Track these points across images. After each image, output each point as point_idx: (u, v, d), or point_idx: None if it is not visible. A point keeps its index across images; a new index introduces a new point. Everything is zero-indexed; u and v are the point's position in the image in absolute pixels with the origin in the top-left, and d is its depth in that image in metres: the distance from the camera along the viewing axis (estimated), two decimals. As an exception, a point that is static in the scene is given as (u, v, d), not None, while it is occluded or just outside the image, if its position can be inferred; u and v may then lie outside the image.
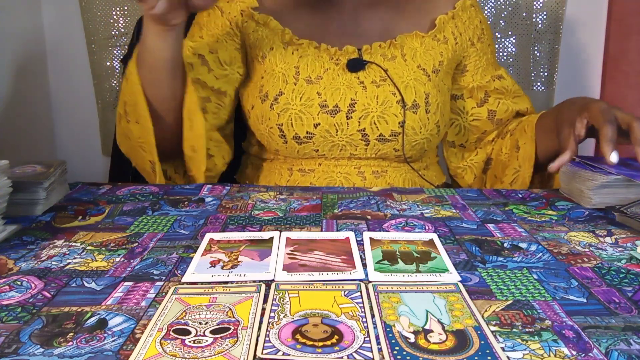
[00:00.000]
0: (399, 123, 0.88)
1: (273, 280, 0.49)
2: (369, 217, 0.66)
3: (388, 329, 0.41)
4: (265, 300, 0.45)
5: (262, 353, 0.38)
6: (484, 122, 1.01)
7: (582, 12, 1.44)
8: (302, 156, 0.91)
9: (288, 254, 0.55)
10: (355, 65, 0.89)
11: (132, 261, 0.54)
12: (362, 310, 0.44)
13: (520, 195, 0.76)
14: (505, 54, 1.46)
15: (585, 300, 0.46)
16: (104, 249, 0.57)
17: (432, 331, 0.41)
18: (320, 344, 0.39)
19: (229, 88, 0.94)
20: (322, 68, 0.89)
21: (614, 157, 0.69)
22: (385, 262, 0.53)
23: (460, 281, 0.49)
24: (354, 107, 0.88)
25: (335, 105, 0.87)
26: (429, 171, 0.98)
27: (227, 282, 0.49)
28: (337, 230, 0.62)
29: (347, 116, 0.87)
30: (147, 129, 0.79)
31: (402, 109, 0.88)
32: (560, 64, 1.47)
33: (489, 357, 0.38)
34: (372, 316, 0.43)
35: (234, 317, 0.43)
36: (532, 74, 1.48)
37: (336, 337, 0.40)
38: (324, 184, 0.90)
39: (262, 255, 0.55)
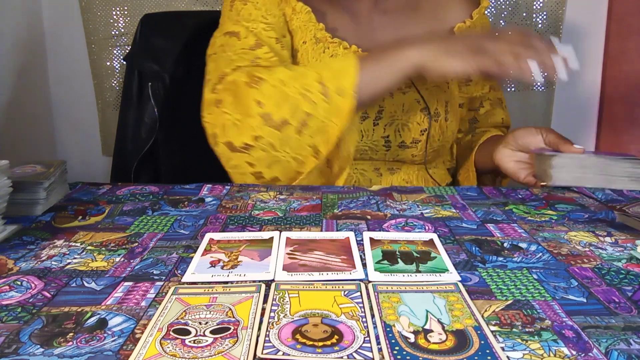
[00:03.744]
0: (422, 131, 0.88)
1: (273, 280, 0.49)
2: (369, 217, 0.66)
3: (388, 329, 0.41)
4: (265, 300, 0.45)
5: (262, 353, 0.38)
6: (463, 122, 1.04)
7: (582, 12, 1.44)
8: None
9: (288, 254, 0.55)
10: None
11: (132, 261, 0.54)
12: (362, 310, 0.44)
13: (520, 196, 0.76)
14: (505, 54, 1.46)
15: (585, 300, 0.46)
16: (104, 249, 0.57)
17: (432, 331, 0.41)
18: (320, 344, 0.39)
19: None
20: None
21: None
22: (385, 262, 0.53)
23: (460, 281, 0.49)
24: (381, 114, 0.88)
25: (364, 112, 0.87)
26: (439, 169, 0.99)
27: (227, 282, 0.49)
28: (337, 230, 0.62)
29: (374, 122, 0.88)
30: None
31: (427, 117, 0.88)
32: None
33: (488, 357, 0.38)
34: (372, 316, 0.43)
35: (234, 317, 0.43)
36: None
37: (336, 337, 0.40)
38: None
39: (262, 255, 0.55)
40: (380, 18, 0.93)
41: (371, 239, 0.59)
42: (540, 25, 1.44)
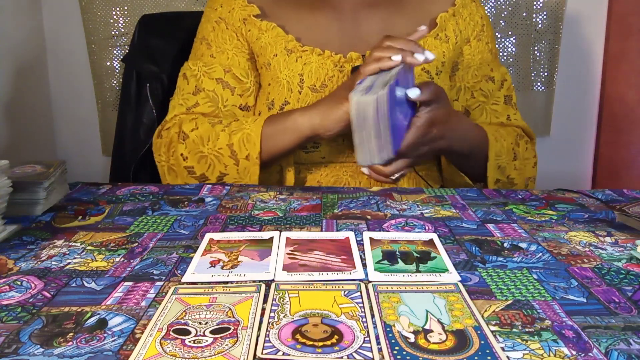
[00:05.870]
0: None
1: (273, 280, 0.49)
2: (369, 217, 0.66)
3: (388, 329, 0.41)
4: (265, 300, 0.45)
5: (262, 353, 0.38)
6: None
7: (582, 12, 1.44)
8: (308, 162, 0.91)
9: (288, 254, 0.55)
10: None
11: (132, 261, 0.54)
12: (362, 310, 0.44)
13: (520, 196, 0.76)
14: (505, 54, 1.46)
15: (585, 300, 0.46)
16: (104, 249, 0.57)
17: (432, 331, 0.41)
18: (320, 344, 0.39)
19: (253, 100, 0.93)
20: (327, 76, 0.88)
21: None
22: (385, 262, 0.53)
23: (460, 281, 0.49)
24: None
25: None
26: (432, 172, 0.98)
27: (227, 282, 0.49)
28: (337, 230, 0.62)
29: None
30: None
31: None
32: (560, 64, 1.47)
33: (488, 357, 0.38)
34: (372, 316, 0.43)
35: (234, 317, 0.43)
36: (532, 74, 1.48)
37: (336, 337, 0.40)
38: (330, 181, 0.90)
39: (262, 255, 0.55)
40: (367, 12, 0.93)
41: (371, 239, 0.59)
42: (540, 25, 1.44)
